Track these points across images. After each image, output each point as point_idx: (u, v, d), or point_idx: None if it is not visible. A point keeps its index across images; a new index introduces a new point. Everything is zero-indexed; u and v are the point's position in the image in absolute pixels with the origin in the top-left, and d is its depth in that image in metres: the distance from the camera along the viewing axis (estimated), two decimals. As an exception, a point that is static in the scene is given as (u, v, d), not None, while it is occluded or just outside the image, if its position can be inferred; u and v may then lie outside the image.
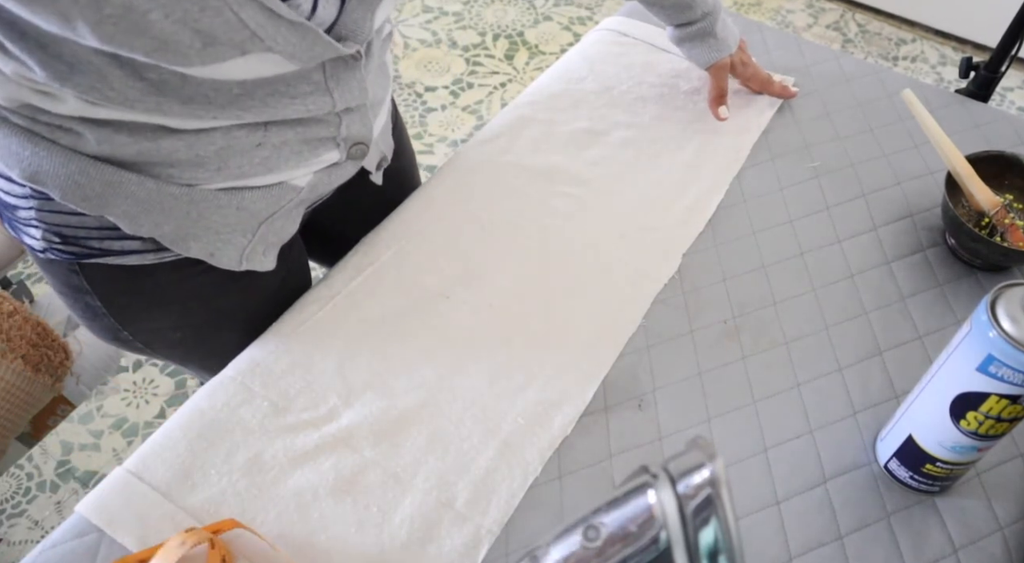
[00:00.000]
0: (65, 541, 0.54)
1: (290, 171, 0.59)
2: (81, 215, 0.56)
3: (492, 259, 0.71)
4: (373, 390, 0.62)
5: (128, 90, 0.47)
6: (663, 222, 0.75)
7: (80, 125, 0.50)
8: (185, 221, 0.57)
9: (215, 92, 0.49)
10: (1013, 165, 0.74)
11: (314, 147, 0.59)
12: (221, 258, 0.61)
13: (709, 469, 0.32)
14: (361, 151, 0.64)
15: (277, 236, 0.64)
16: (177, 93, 0.48)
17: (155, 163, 0.53)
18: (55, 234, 0.57)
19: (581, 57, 0.92)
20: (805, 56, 0.93)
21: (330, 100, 0.56)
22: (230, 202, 0.58)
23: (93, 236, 0.58)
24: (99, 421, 1.42)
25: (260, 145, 0.55)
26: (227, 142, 0.54)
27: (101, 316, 0.64)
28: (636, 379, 0.64)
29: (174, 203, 0.55)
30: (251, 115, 0.52)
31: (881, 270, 0.72)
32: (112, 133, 0.50)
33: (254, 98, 0.51)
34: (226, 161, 0.55)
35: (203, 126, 0.52)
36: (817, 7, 2.37)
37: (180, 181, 0.55)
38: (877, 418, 0.62)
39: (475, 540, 0.54)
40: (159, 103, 0.48)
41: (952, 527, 0.57)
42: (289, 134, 0.56)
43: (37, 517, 1.31)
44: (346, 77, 0.56)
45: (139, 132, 0.51)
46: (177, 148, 0.52)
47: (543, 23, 2.27)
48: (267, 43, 0.46)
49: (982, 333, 0.47)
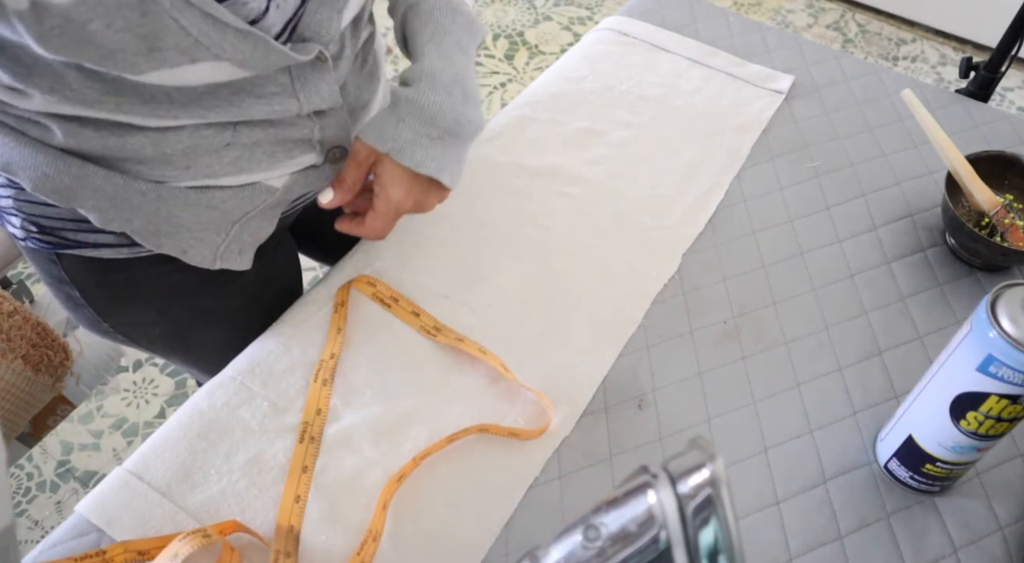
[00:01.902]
0: (65, 541, 0.54)
1: (264, 172, 0.58)
2: (55, 206, 0.56)
3: (492, 259, 0.71)
4: (373, 390, 0.62)
5: (87, 90, 0.46)
6: (663, 222, 0.75)
7: (47, 120, 0.50)
8: (155, 217, 0.56)
9: (177, 91, 0.48)
10: (1013, 165, 0.74)
11: (288, 149, 0.58)
12: (194, 256, 0.60)
13: (709, 469, 0.32)
14: (339, 154, 0.62)
15: (253, 236, 0.63)
16: (138, 93, 0.47)
17: (122, 159, 0.52)
18: (32, 223, 0.58)
19: (581, 57, 0.92)
20: (805, 56, 0.93)
21: (296, 102, 0.54)
22: (199, 200, 0.56)
23: (68, 227, 0.58)
24: (99, 421, 1.42)
25: (229, 145, 0.54)
26: (194, 141, 0.52)
27: (81, 307, 0.65)
28: (636, 379, 0.64)
29: (142, 199, 0.55)
30: (215, 115, 0.51)
31: (881, 270, 0.72)
32: (78, 128, 0.50)
33: (217, 98, 0.50)
34: (194, 160, 0.54)
35: (168, 124, 0.51)
36: (817, 7, 2.37)
37: (148, 177, 0.54)
38: (877, 418, 0.62)
39: (475, 540, 0.54)
40: (119, 103, 0.48)
41: (952, 527, 0.57)
42: (260, 135, 0.55)
43: (37, 517, 1.31)
44: (313, 79, 0.54)
45: (105, 128, 0.50)
46: (143, 145, 0.51)
47: (543, 23, 2.27)
48: (213, 51, 0.45)
49: (982, 333, 0.47)
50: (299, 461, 0.57)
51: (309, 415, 0.59)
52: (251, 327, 0.65)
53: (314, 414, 0.59)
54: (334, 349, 0.62)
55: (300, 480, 0.56)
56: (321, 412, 0.59)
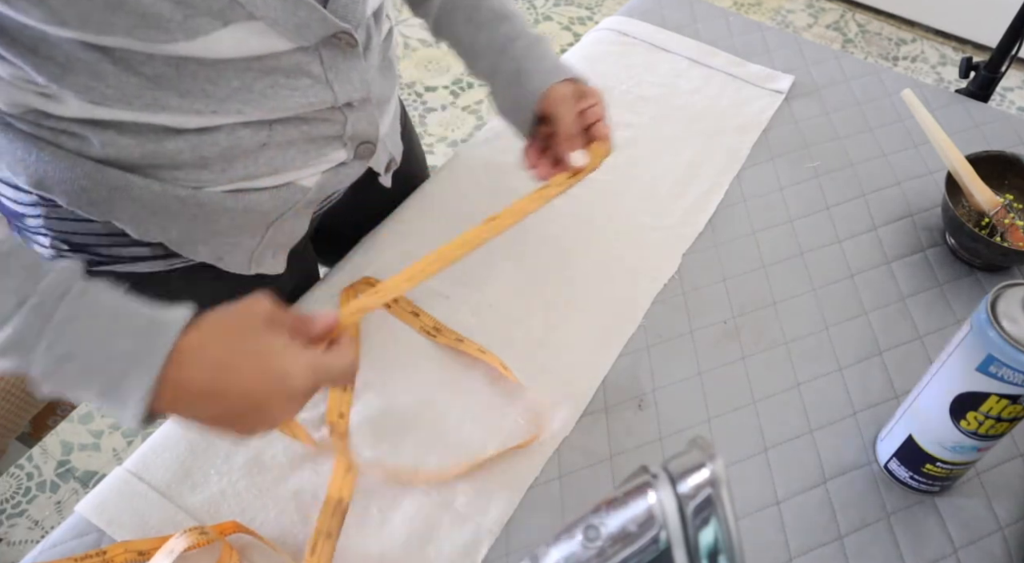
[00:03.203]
0: (65, 541, 0.54)
1: (297, 171, 0.58)
2: (88, 222, 0.56)
3: (492, 259, 0.71)
4: (373, 390, 0.62)
5: (124, 86, 0.46)
6: (663, 222, 0.75)
7: (84, 128, 0.50)
8: (192, 224, 0.57)
9: (212, 85, 0.49)
10: (1013, 165, 0.74)
11: (320, 146, 0.58)
12: (230, 262, 0.61)
13: (709, 469, 0.32)
14: (368, 150, 0.63)
15: (287, 237, 0.64)
16: (174, 86, 0.48)
17: (160, 166, 0.52)
18: (63, 241, 0.57)
19: (581, 57, 0.92)
20: (805, 56, 0.93)
21: (331, 93, 0.55)
22: (236, 204, 0.57)
23: (102, 243, 0.57)
24: (99, 421, 1.42)
25: (265, 145, 0.55)
26: (231, 142, 0.53)
27: None
28: (636, 379, 0.64)
29: (180, 206, 0.55)
30: (252, 109, 0.51)
31: (881, 270, 0.72)
32: (116, 135, 0.50)
33: (253, 91, 0.50)
34: (231, 162, 0.54)
35: (205, 124, 0.51)
36: (817, 7, 2.37)
37: (186, 184, 0.54)
38: (877, 418, 0.62)
39: (475, 540, 0.54)
40: (156, 98, 0.48)
41: (952, 527, 0.57)
42: (294, 133, 0.55)
43: (37, 517, 1.31)
44: (345, 68, 0.55)
45: (142, 134, 0.50)
46: (181, 149, 0.51)
47: (543, 23, 2.27)
48: (247, 8, 0.45)
49: (982, 333, 0.47)
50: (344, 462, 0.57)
51: (332, 416, 0.59)
52: None
53: (336, 417, 0.59)
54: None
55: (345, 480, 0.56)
56: (344, 416, 0.59)
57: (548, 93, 0.62)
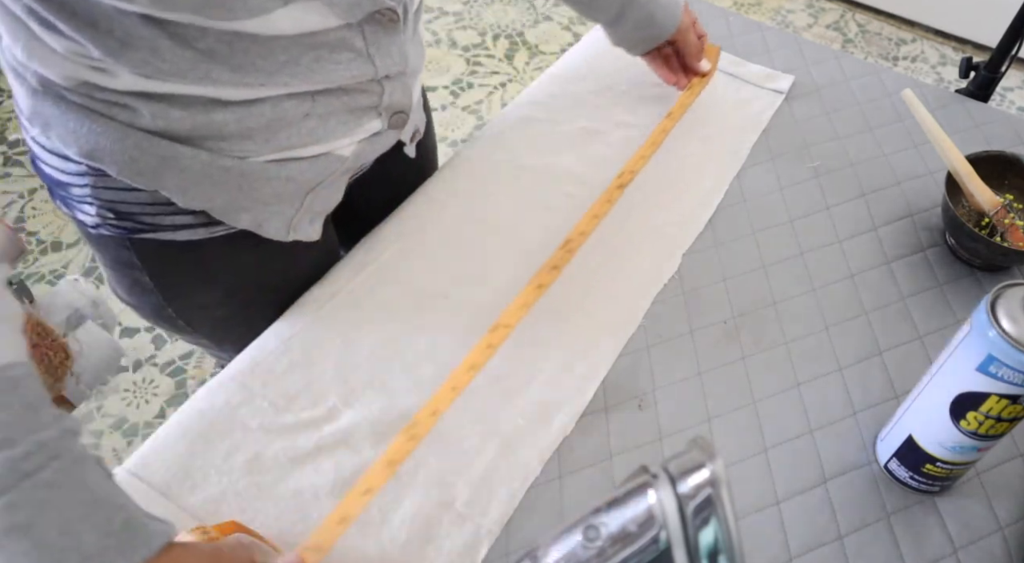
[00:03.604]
0: (65, 541, 0.54)
1: (336, 141, 0.61)
2: (135, 191, 0.57)
3: (492, 259, 0.71)
4: (373, 390, 0.62)
5: (179, 61, 0.49)
6: (663, 222, 0.75)
7: (135, 100, 0.51)
8: (236, 193, 0.59)
9: (262, 59, 0.51)
10: (1013, 165, 0.73)
11: (358, 116, 0.61)
12: (269, 229, 0.63)
13: (709, 469, 0.32)
14: (401, 120, 0.66)
15: (323, 205, 0.66)
16: (226, 61, 0.50)
17: (207, 136, 0.55)
18: (109, 210, 0.59)
19: (581, 57, 0.92)
20: (805, 56, 0.93)
21: (372, 67, 0.58)
22: (279, 173, 0.59)
23: (146, 211, 0.59)
24: (99, 421, 1.42)
25: (307, 116, 0.57)
26: (276, 114, 0.55)
27: (149, 292, 0.65)
28: (636, 379, 0.64)
29: (225, 175, 0.57)
30: (298, 82, 0.54)
31: (881, 270, 0.72)
32: (166, 108, 0.52)
33: (299, 65, 0.53)
34: (275, 133, 0.57)
35: (253, 96, 0.53)
36: (817, 7, 2.37)
37: (231, 154, 0.56)
38: (877, 418, 0.62)
39: (475, 540, 0.54)
40: (209, 71, 0.50)
41: (952, 527, 0.57)
42: (335, 104, 0.58)
43: (37, 517, 1.31)
44: (385, 43, 0.58)
45: (192, 106, 0.52)
46: (228, 121, 0.54)
47: (543, 23, 2.27)
48: None
49: (982, 333, 0.47)
50: (390, 454, 0.57)
51: (423, 414, 0.60)
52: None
53: (428, 414, 0.60)
54: (477, 360, 0.63)
55: (382, 472, 0.57)
56: (437, 413, 0.60)
57: (678, 27, 0.79)
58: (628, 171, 0.77)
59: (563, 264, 0.69)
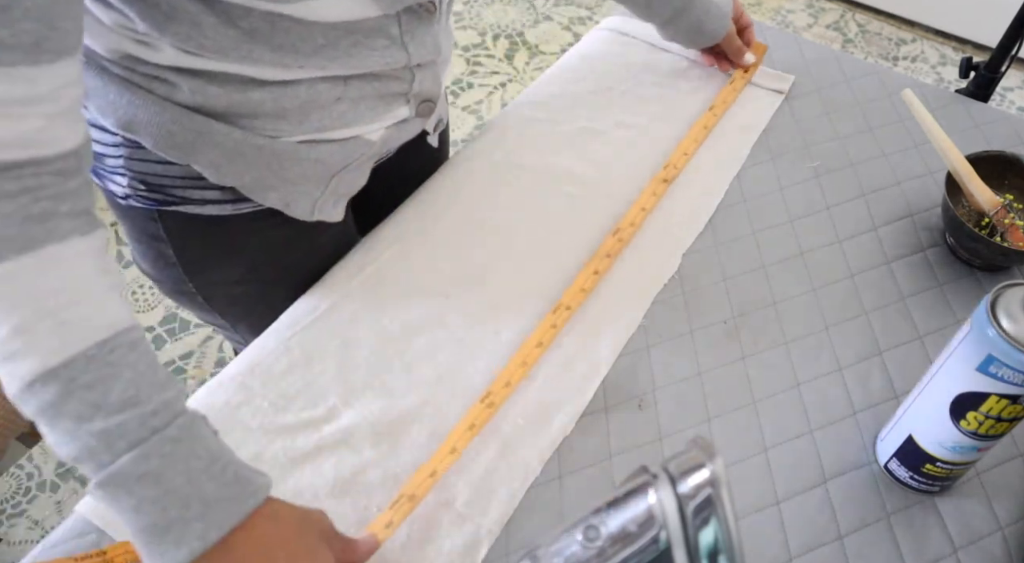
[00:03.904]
0: (65, 541, 0.54)
1: (365, 125, 0.62)
2: (168, 164, 0.58)
3: (492, 259, 0.71)
4: (373, 390, 0.62)
5: (221, 38, 0.50)
6: (663, 222, 0.75)
7: (176, 75, 0.53)
8: (266, 171, 0.60)
9: (302, 41, 0.52)
10: (1013, 165, 0.73)
11: (388, 102, 0.63)
12: (295, 209, 0.64)
13: (709, 469, 0.32)
14: (428, 108, 0.67)
15: (347, 188, 0.67)
16: (267, 41, 0.51)
17: (242, 114, 0.56)
18: (140, 182, 0.60)
19: (581, 57, 0.92)
20: (805, 56, 0.93)
21: (405, 54, 0.59)
22: (309, 154, 0.61)
23: (176, 185, 0.60)
24: (99, 421, 1.42)
25: (340, 99, 0.59)
26: (310, 96, 0.57)
27: (171, 265, 0.67)
28: (636, 379, 0.64)
29: (257, 154, 0.58)
30: (335, 66, 0.56)
31: (881, 270, 0.72)
32: (205, 84, 0.53)
33: (337, 49, 0.54)
34: (308, 114, 0.58)
35: (289, 77, 0.55)
36: (817, 7, 2.37)
37: (264, 133, 0.58)
38: (877, 418, 0.62)
39: (475, 540, 0.54)
40: (250, 50, 0.51)
41: (952, 527, 0.57)
42: (367, 89, 0.60)
43: (37, 517, 1.31)
44: (420, 32, 0.59)
45: (230, 83, 0.54)
46: (264, 100, 0.55)
47: (543, 23, 2.27)
48: None
49: (982, 333, 0.47)
50: (470, 419, 0.59)
51: (497, 386, 0.61)
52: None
53: (502, 385, 0.61)
54: (543, 338, 0.64)
55: (463, 435, 0.58)
56: (510, 384, 0.61)
57: (724, 35, 0.84)
58: (672, 165, 0.78)
59: (616, 253, 0.71)
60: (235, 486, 0.43)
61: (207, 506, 0.41)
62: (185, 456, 0.41)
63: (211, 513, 0.41)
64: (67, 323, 0.40)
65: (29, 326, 0.39)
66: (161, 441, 0.41)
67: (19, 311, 0.39)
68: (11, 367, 0.40)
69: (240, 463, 0.44)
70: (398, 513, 0.54)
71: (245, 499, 0.43)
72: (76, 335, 0.40)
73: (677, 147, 0.80)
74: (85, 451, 0.40)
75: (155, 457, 0.40)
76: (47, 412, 0.40)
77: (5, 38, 0.37)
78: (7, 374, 0.40)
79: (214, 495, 0.42)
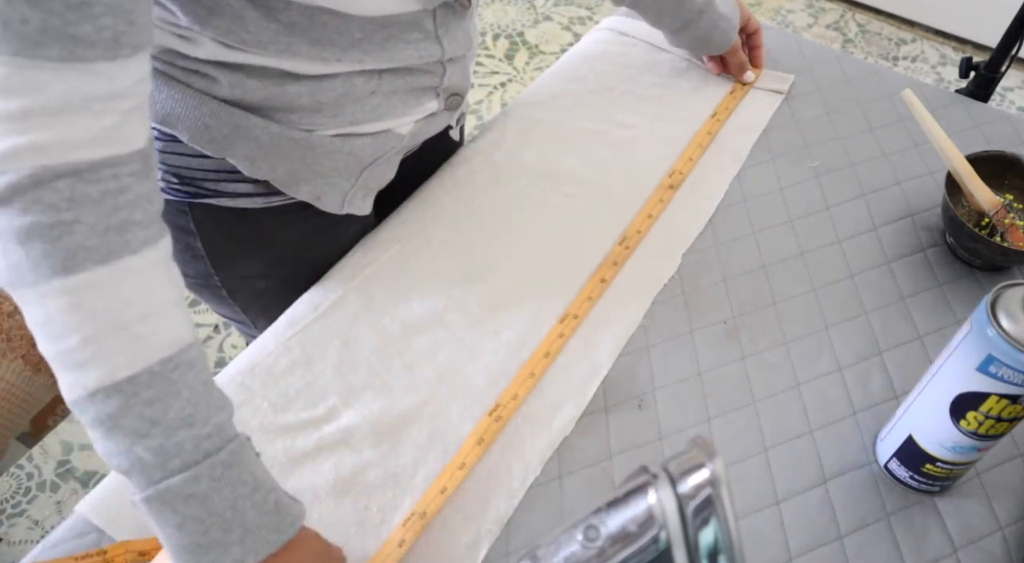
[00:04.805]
0: (65, 541, 0.54)
1: (396, 119, 0.63)
2: (202, 157, 0.59)
3: (492, 259, 0.71)
4: (373, 390, 0.62)
5: (261, 31, 0.51)
6: (663, 223, 0.75)
7: (215, 69, 0.54)
8: (299, 165, 0.61)
9: (339, 35, 0.53)
10: (1013, 165, 0.73)
11: (418, 96, 0.64)
12: (326, 202, 0.65)
13: (709, 469, 0.32)
14: (456, 102, 0.68)
15: (376, 181, 0.68)
16: (306, 34, 0.52)
17: (279, 108, 0.57)
18: (174, 175, 0.61)
19: (581, 57, 0.92)
20: (805, 56, 0.93)
21: (439, 48, 0.60)
22: (342, 147, 0.62)
23: (209, 178, 0.61)
24: (99, 421, 1.42)
25: (373, 93, 0.60)
26: (345, 89, 0.58)
27: (199, 258, 0.67)
28: (636, 379, 0.64)
29: (293, 147, 0.59)
30: (371, 59, 0.56)
31: (881, 270, 0.72)
32: (243, 78, 0.54)
33: (373, 42, 0.55)
34: (342, 108, 0.59)
35: (326, 71, 0.56)
36: (817, 7, 2.37)
37: (299, 126, 0.59)
38: (877, 418, 0.62)
39: (475, 540, 0.54)
40: (289, 44, 0.52)
41: (952, 527, 0.57)
42: (399, 83, 0.61)
43: (37, 517, 1.31)
44: (453, 26, 0.60)
45: (268, 77, 0.55)
46: (301, 93, 0.56)
47: (543, 23, 2.27)
48: None
49: (982, 333, 0.47)
50: (478, 433, 0.59)
51: (505, 398, 0.61)
52: None
53: (510, 398, 0.61)
54: (550, 348, 0.64)
55: (472, 450, 0.58)
56: (518, 397, 0.61)
57: (729, 48, 0.85)
58: (678, 171, 0.78)
59: (622, 261, 0.71)
60: (275, 516, 0.44)
61: (247, 532, 0.43)
62: (232, 482, 0.43)
63: (250, 539, 0.43)
64: (137, 338, 0.41)
65: (100, 337, 0.40)
66: (212, 465, 0.42)
67: (92, 322, 0.40)
68: (77, 375, 0.40)
69: (280, 491, 0.46)
70: (410, 531, 0.54)
71: (284, 528, 0.45)
72: (144, 351, 0.41)
73: (682, 153, 0.80)
74: (137, 465, 0.41)
75: (205, 480, 0.42)
76: (105, 423, 0.41)
77: (88, 34, 0.38)
78: (72, 381, 0.41)
79: (254, 522, 0.43)
